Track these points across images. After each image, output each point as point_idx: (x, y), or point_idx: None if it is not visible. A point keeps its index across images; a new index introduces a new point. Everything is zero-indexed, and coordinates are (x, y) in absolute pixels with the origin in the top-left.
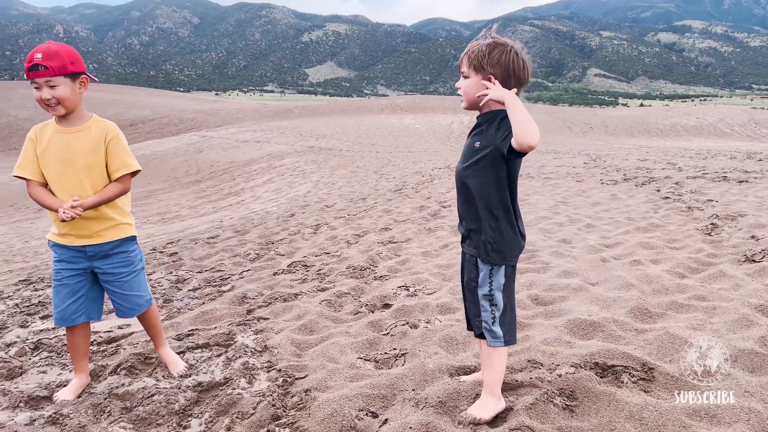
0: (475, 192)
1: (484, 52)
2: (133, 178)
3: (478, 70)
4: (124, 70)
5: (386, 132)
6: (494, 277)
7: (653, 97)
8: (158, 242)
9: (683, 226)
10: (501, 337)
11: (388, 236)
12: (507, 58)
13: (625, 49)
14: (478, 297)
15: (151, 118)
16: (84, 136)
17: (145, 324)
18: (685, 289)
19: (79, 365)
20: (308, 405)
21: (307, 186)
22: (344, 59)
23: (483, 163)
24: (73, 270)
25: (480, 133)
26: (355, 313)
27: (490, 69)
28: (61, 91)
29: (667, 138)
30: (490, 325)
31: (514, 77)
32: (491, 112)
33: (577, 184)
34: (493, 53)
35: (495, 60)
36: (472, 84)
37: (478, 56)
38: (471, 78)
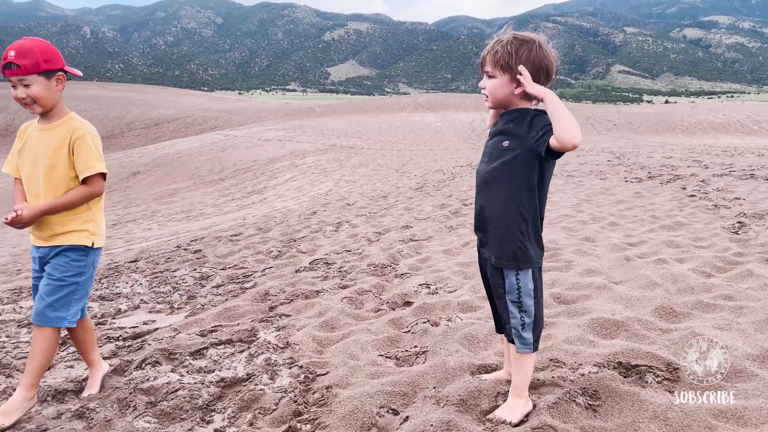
0: (503, 194)
1: (510, 51)
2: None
3: (505, 70)
4: (150, 70)
5: (407, 130)
6: (522, 282)
7: (679, 93)
8: (182, 240)
9: (709, 224)
10: (531, 343)
11: (409, 234)
12: (535, 55)
13: (650, 45)
14: (507, 303)
15: (176, 118)
16: (51, 134)
17: (34, 342)
18: (712, 289)
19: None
20: (329, 401)
21: (328, 184)
22: (366, 58)
23: (514, 164)
24: (36, 272)
25: (507, 133)
26: (376, 311)
27: (517, 67)
28: (35, 89)
29: (693, 135)
30: (519, 331)
31: (543, 73)
32: (519, 110)
33: (600, 182)
34: (520, 51)
35: (523, 58)
36: (499, 84)
37: (504, 55)
38: (497, 78)
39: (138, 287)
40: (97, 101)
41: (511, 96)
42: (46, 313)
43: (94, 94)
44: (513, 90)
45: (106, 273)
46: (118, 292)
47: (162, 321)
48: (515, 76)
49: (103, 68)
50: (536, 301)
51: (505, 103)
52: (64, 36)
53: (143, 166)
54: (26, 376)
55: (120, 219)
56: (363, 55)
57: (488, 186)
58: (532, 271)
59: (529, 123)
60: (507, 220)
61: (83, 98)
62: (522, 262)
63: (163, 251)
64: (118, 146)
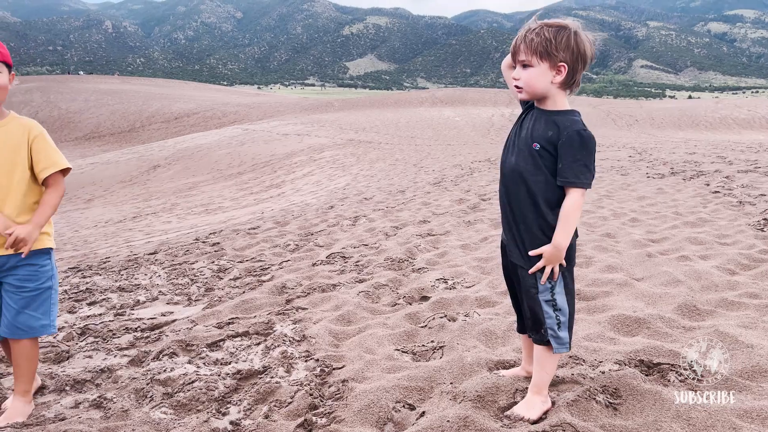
0: (537, 189)
1: (549, 38)
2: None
3: (544, 57)
4: (170, 64)
5: (426, 125)
6: (555, 281)
7: (702, 89)
8: (201, 232)
9: (734, 221)
10: (567, 342)
11: (427, 229)
12: (574, 41)
13: (673, 40)
14: (540, 304)
15: (196, 112)
16: (4, 133)
17: (16, 354)
18: (736, 286)
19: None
20: (345, 395)
21: (346, 178)
22: (384, 52)
23: (543, 164)
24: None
25: (538, 133)
26: (392, 305)
27: (560, 54)
28: (3, 79)
29: (717, 131)
30: (556, 331)
31: (581, 60)
32: (557, 118)
33: (621, 178)
34: (559, 37)
35: (563, 44)
36: (538, 72)
37: (543, 42)
38: (536, 66)
39: (157, 279)
40: (118, 95)
41: (549, 86)
42: (31, 324)
43: (116, 88)
44: (552, 79)
45: (126, 265)
46: (137, 283)
47: (180, 312)
48: (555, 63)
49: (124, 62)
50: (569, 299)
51: (543, 93)
52: (86, 30)
53: (163, 160)
54: (20, 385)
55: (140, 212)
56: (382, 50)
57: (516, 183)
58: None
59: (561, 143)
60: (544, 219)
61: (105, 92)
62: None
63: (182, 244)
64: (138, 140)
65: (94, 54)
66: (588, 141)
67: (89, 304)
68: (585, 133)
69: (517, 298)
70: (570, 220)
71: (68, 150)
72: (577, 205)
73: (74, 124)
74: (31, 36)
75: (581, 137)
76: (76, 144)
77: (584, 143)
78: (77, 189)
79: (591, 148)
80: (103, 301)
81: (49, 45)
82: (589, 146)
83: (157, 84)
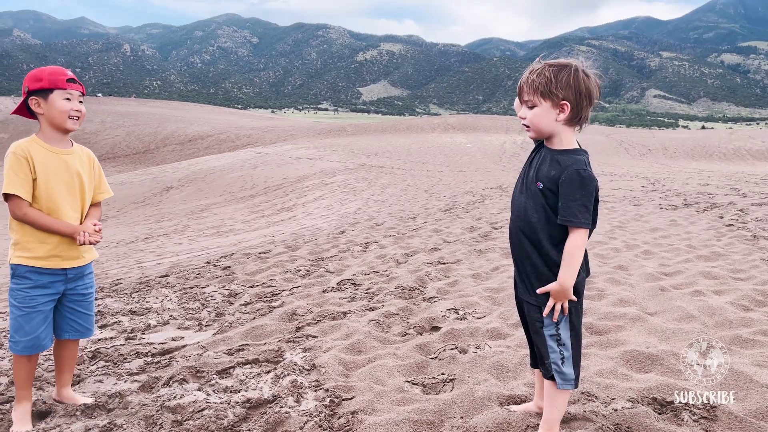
0: (540, 227)
1: (550, 77)
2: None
3: (546, 97)
4: (186, 87)
5: (437, 151)
6: (560, 316)
7: (716, 119)
8: (212, 255)
9: (748, 255)
10: (572, 379)
11: (438, 257)
12: (576, 79)
13: (687, 70)
14: (545, 338)
15: (210, 134)
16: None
17: (72, 351)
18: (751, 323)
19: (30, 391)
20: (355, 427)
21: (357, 203)
22: (398, 78)
23: (549, 201)
24: (50, 295)
25: (542, 172)
26: (403, 335)
27: (561, 93)
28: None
29: (731, 162)
30: (560, 366)
31: (586, 97)
32: (563, 158)
33: (634, 209)
34: (560, 76)
35: (564, 83)
36: (541, 112)
37: (545, 82)
38: (540, 106)
39: (168, 303)
40: (134, 117)
41: (554, 124)
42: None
43: (132, 110)
44: (556, 117)
45: (137, 287)
46: (148, 306)
47: (190, 338)
48: (558, 102)
49: (141, 85)
50: (575, 333)
51: (549, 131)
52: (104, 53)
53: (176, 182)
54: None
55: (152, 233)
56: (395, 76)
57: (523, 221)
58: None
59: (561, 182)
60: (543, 257)
61: (121, 114)
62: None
63: (193, 267)
64: (152, 161)
65: (111, 76)
66: (587, 181)
67: (101, 327)
68: (585, 173)
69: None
70: (573, 260)
71: None
72: (579, 244)
73: (90, 144)
74: (51, 58)
75: (580, 177)
76: None
77: (583, 183)
78: None
79: (590, 188)
80: (115, 324)
81: (68, 67)
82: (588, 187)
83: (173, 107)
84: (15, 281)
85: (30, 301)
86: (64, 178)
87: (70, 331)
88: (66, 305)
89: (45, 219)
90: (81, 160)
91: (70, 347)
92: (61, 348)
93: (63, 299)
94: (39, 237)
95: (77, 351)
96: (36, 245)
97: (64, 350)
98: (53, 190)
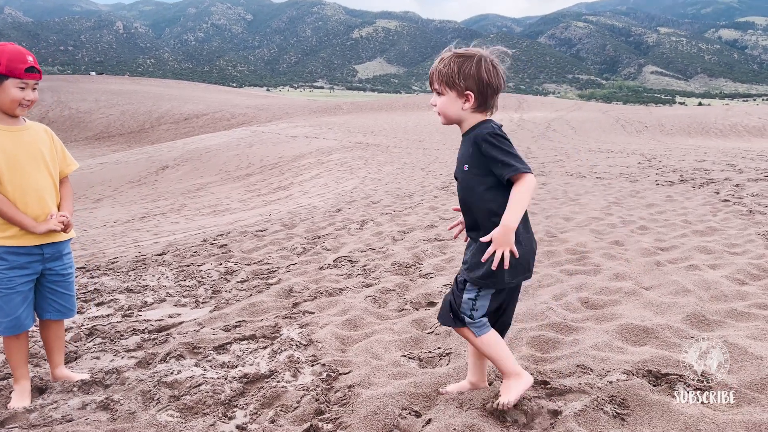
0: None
1: (453, 69)
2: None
3: (450, 87)
4: (180, 65)
5: (434, 129)
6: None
7: (713, 96)
8: (209, 234)
9: (744, 230)
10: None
11: (434, 233)
12: (477, 69)
13: (684, 46)
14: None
15: (205, 113)
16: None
17: (58, 332)
18: (746, 297)
19: (25, 369)
20: (351, 401)
21: (354, 182)
22: (393, 55)
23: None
24: (28, 276)
25: (464, 155)
26: (399, 310)
27: (463, 83)
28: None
29: (727, 138)
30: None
31: (489, 87)
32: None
33: (630, 185)
34: (463, 68)
35: (467, 74)
36: (448, 101)
37: (449, 73)
38: (446, 95)
39: (164, 280)
40: (128, 96)
41: (461, 112)
42: (72, 305)
43: (126, 89)
44: (462, 106)
45: (134, 265)
46: (144, 284)
47: (187, 315)
48: (462, 92)
49: (134, 63)
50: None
51: (458, 118)
52: (97, 31)
53: (172, 161)
54: (62, 356)
55: (148, 212)
56: (391, 53)
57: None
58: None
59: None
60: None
61: (115, 92)
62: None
63: (189, 245)
64: (147, 140)
65: (104, 54)
66: (501, 137)
67: (97, 304)
68: (494, 131)
69: None
70: (518, 204)
71: (78, 150)
72: (525, 188)
73: (84, 124)
74: (42, 36)
75: (493, 136)
76: (86, 144)
77: (498, 139)
78: (86, 189)
79: (507, 140)
80: (111, 302)
81: (60, 45)
82: (504, 140)
83: (167, 85)
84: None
85: (8, 282)
86: (26, 155)
87: (52, 311)
88: (46, 286)
89: (9, 209)
90: (39, 136)
91: (54, 328)
92: (45, 329)
93: (42, 280)
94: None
95: (63, 331)
96: (9, 225)
97: (49, 331)
98: (16, 168)
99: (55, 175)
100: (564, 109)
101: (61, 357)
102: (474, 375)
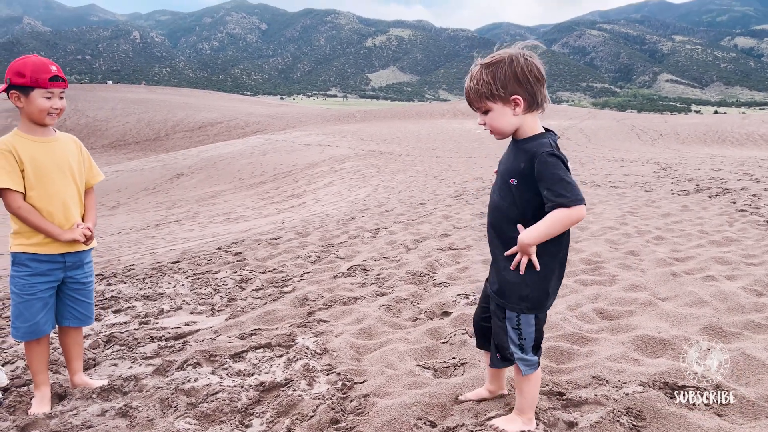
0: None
1: (488, 80)
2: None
3: (494, 99)
4: (195, 74)
5: (447, 137)
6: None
7: (729, 104)
8: (223, 241)
9: (761, 240)
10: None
11: (448, 242)
12: (513, 70)
13: (699, 54)
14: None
15: (219, 121)
16: (63, 144)
17: (76, 339)
18: (763, 308)
19: (45, 376)
20: (367, 410)
21: (367, 190)
22: (407, 64)
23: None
24: (49, 283)
25: (513, 166)
26: (413, 320)
27: (504, 90)
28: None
29: (744, 147)
30: (521, 354)
31: (529, 82)
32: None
33: (645, 194)
34: (497, 75)
35: (504, 79)
36: (496, 115)
37: (486, 87)
38: (492, 110)
39: (180, 288)
40: (144, 104)
41: (514, 120)
42: (91, 312)
43: (142, 98)
44: (513, 113)
45: (150, 273)
46: (161, 292)
47: (203, 322)
48: (508, 99)
49: (150, 72)
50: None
51: (513, 128)
52: (114, 40)
53: (186, 169)
54: (81, 362)
55: (163, 219)
56: (404, 62)
57: (494, 214)
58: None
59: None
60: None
61: (132, 101)
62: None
63: (204, 253)
64: (162, 148)
65: (121, 63)
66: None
67: (114, 312)
68: (553, 151)
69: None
70: (551, 225)
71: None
72: (567, 215)
73: (101, 132)
74: (61, 45)
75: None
76: (103, 151)
77: (555, 161)
78: (102, 196)
79: (564, 165)
80: (128, 309)
81: (78, 54)
82: (562, 164)
83: (182, 93)
84: (15, 269)
85: (29, 289)
86: (53, 165)
87: (71, 318)
88: (66, 293)
89: (35, 218)
90: (68, 146)
91: (72, 335)
92: (64, 336)
93: (63, 287)
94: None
95: (81, 338)
96: (34, 233)
97: (68, 338)
98: (44, 178)
99: (81, 185)
100: (578, 118)
101: (80, 364)
102: (492, 383)
